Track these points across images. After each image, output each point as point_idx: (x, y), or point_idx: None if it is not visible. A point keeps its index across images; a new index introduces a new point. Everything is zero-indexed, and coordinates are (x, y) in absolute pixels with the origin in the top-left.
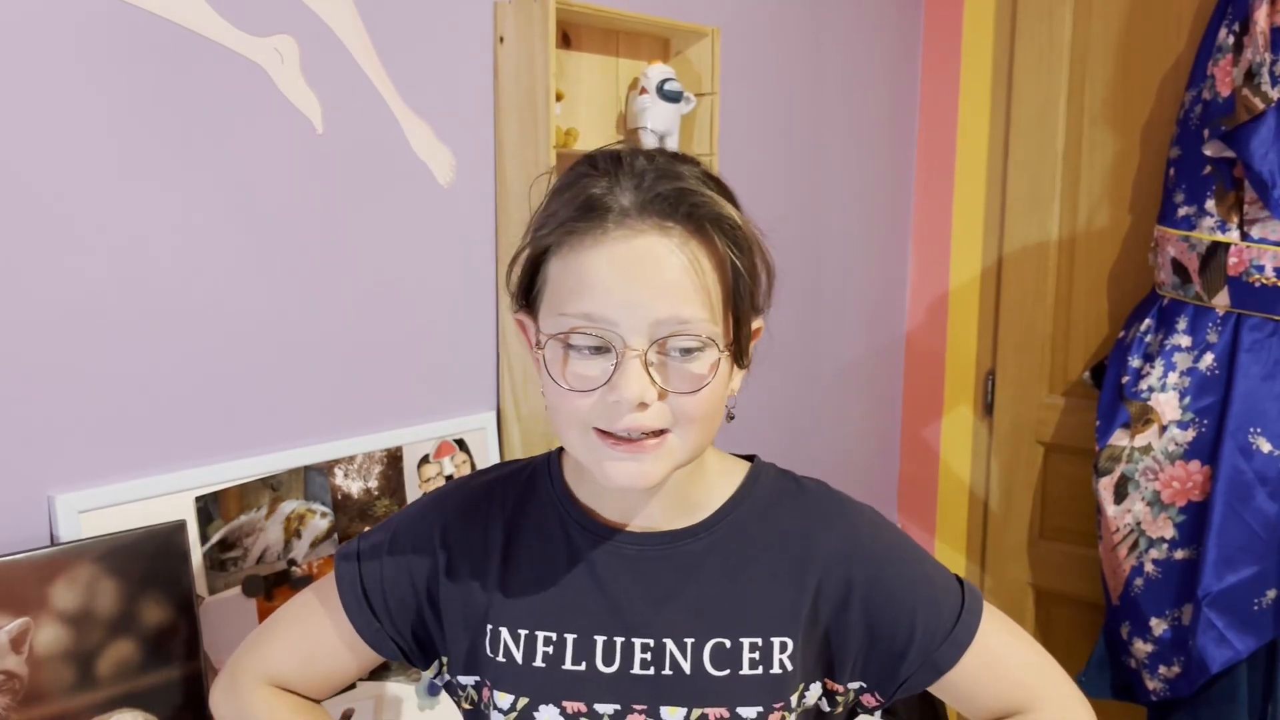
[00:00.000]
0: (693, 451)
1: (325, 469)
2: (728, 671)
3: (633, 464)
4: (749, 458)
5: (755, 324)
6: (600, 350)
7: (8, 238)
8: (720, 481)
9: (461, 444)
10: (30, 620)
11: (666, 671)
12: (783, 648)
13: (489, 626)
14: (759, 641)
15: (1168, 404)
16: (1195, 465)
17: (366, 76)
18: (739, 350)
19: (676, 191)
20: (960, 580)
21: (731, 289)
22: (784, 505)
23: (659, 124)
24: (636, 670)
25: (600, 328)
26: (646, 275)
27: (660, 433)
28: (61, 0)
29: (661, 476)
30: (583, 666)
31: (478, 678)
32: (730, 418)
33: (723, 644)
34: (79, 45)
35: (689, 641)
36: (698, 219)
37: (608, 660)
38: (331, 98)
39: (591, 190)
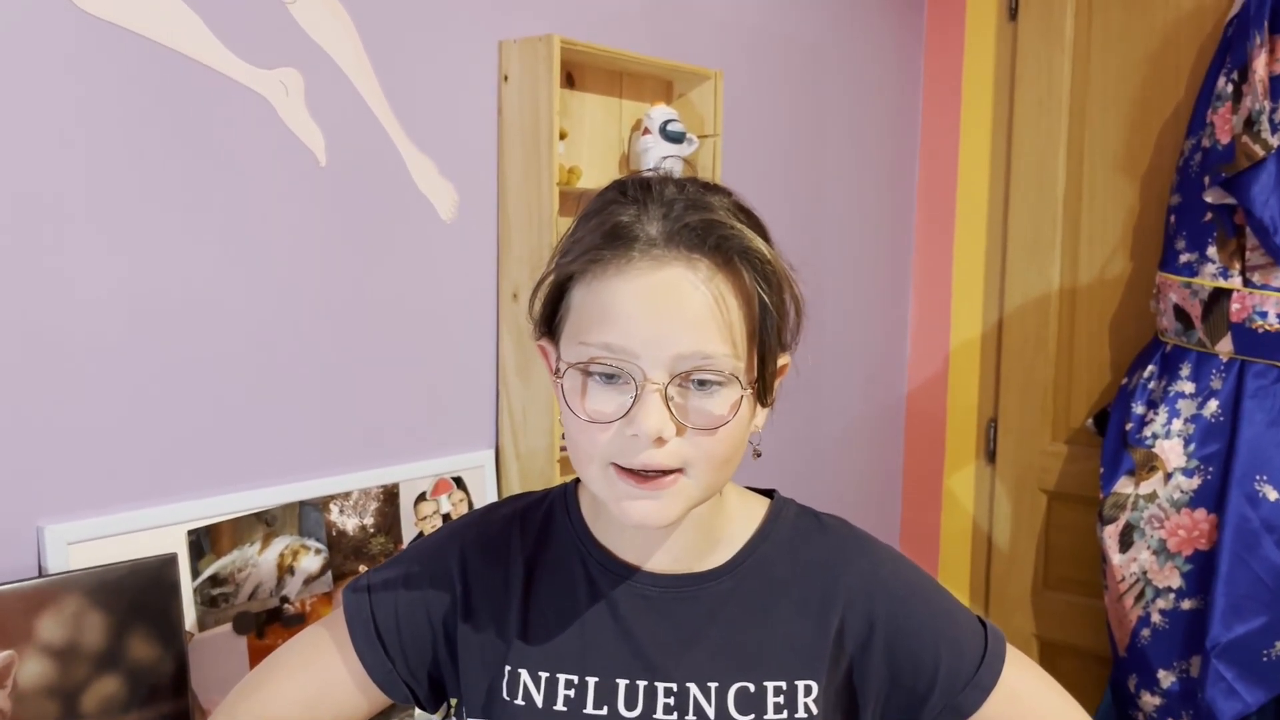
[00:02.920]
0: (708, 491)
1: (320, 505)
2: (752, 716)
3: (649, 502)
4: (768, 492)
5: (782, 360)
6: (620, 382)
7: (1, 268)
8: (741, 518)
9: (459, 482)
10: (15, 653)
11: (690, 717)
12: (807, 690)
13: (508, 668)
14: (783, 685)
15: (1172, 451)
16: (1201, 513)
17: (370, 111)
18: (763, 388)
19: (705, 223)
20: (983, 622)
21: (758, 325)
22: (806, 544)
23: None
24: (659, 715)
25: (620, 359)
26: (670, 308)
27: (676, 471)
28: (66, 27)
29: (677, 516)
30: (605, 711)
31: None
32: (757, 454)
33: (747, 688)
34: (82, 73)
35: (713, 686)
36: (725, 252)
37: (630, 704)
38: (335, 131)
39: (619, 218)
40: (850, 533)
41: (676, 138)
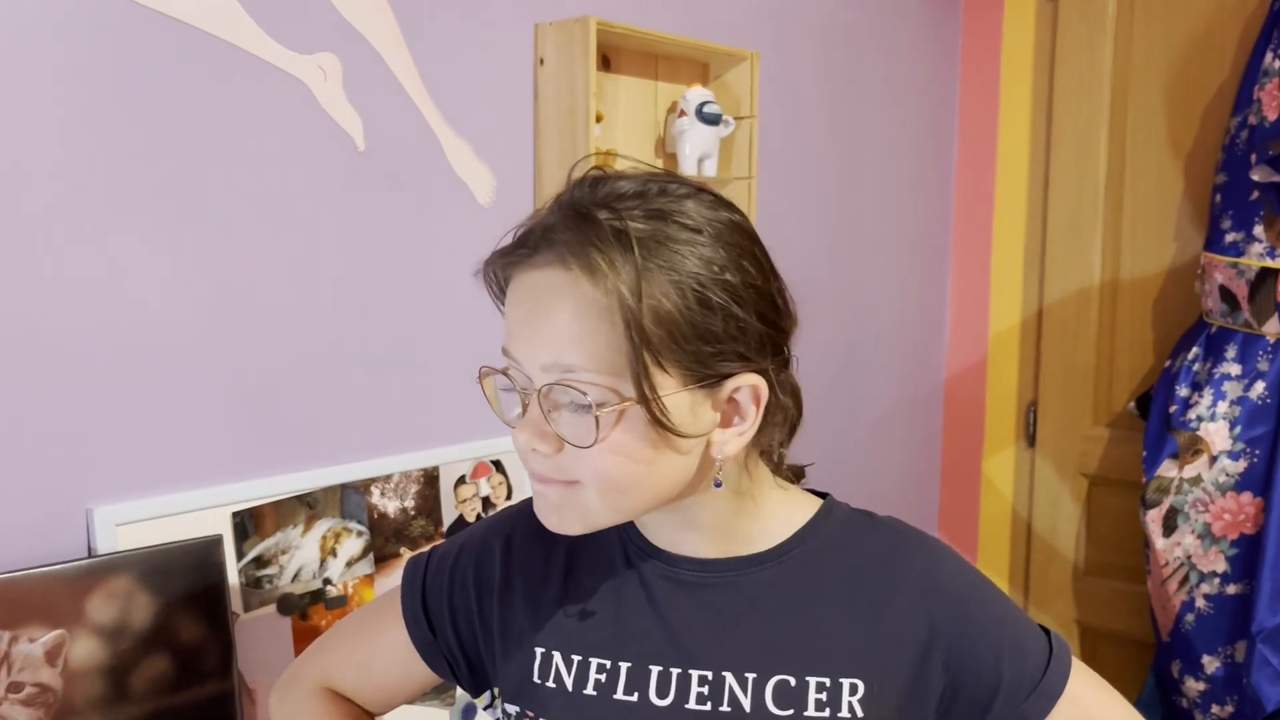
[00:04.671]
0: (616, 513)
1: (362, 488)
2: (791, 711)
3: (546, 502)
4: (820, 494)
5: (739, 381)
6: (514, 390)
7: (48, 255)
8: (781, 516)
9: (498, 465)
10: (65, 633)
11: (725, 708)
12: (853, 689)
13: (540, 650)
14: (826, 681)
15: (1218, 434)
16: (1247, 497)
17: (408, 95)
18: (654, 414)
19: (578, 227)
20: (1046, 629)
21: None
22: (858, 540)
23: (697, 147)
24: (692, 704)
25: (510, 364)
26: (537, 315)
27: (573, 481)
28: (103, 12)
29: (577, 530)
30: (635, 697)
31: (519, 708)
32: (717, 484)
33: (786, 681)
34: (119, 58)
35: (750, 676)
36: (591, 260)
37: (662, 692)
38: (373, 116)
39: (530, 219)
40: (908, 532)
41: (712, 120)
